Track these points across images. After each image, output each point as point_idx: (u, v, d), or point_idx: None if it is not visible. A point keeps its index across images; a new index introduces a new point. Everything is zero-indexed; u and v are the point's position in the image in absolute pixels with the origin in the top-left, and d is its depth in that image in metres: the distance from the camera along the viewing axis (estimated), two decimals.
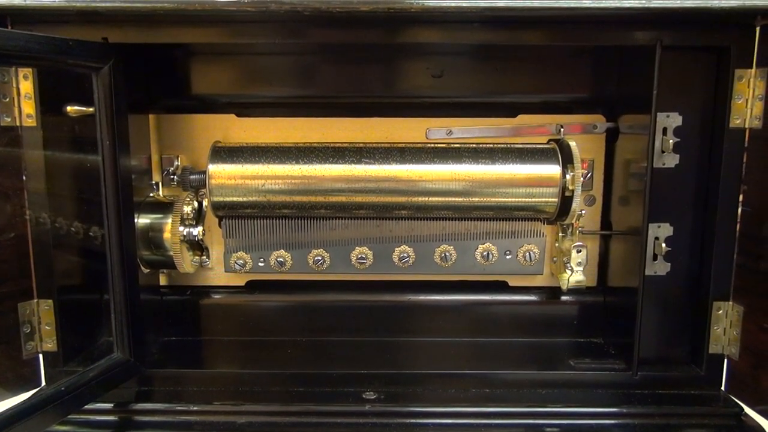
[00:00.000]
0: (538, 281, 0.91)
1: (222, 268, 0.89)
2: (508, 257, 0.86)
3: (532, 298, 0.92)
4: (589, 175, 0.87)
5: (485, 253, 0.85)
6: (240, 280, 0.92)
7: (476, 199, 0.81)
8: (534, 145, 0.83)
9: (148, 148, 0.85)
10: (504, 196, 0.81)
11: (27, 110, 0.73)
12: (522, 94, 0.86)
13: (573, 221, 0.83)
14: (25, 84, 0.72)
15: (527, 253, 0.86)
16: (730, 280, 0.76)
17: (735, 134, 0.73)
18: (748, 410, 0.75)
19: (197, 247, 0.86)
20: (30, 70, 0.71)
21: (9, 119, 0.72)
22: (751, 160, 0.72)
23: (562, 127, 0.85)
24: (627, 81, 0.81)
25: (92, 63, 0.67)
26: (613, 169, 0.86)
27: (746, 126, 0.72)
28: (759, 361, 0.72)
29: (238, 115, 0.87)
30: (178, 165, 0.87)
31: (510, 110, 0.87)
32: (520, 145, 0.83)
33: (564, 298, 0.91)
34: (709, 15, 0.67)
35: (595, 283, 0.90)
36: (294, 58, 0.83)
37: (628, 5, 0.66)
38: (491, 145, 0.83)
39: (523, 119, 0.87)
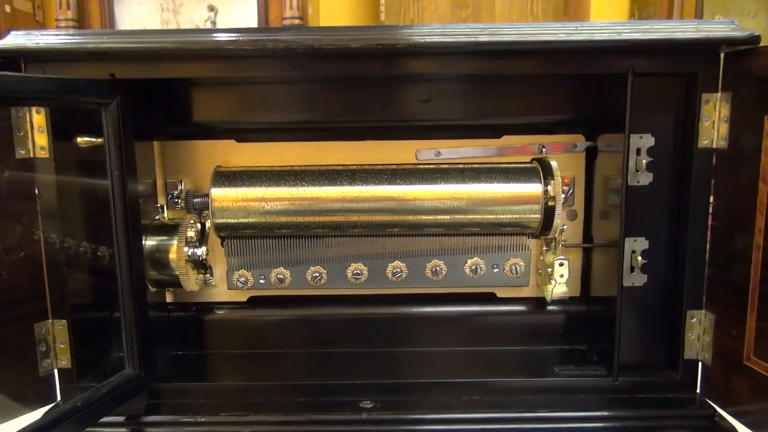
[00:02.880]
0: (525, 292, 0.95)
1: (225, 286, 0.92)
2: (495, 270, 0.90)
3: (519, 308, 0.95)
4: (570, 191, 0.91)
5: (474, 267, 0.90)
6: (242, 297, 0.96)
7: (464, 216, 0.85)
8: (518, 165, 0.87)
9: (153, 173, 0.89)
10: (490, 213, 0.85)
11: (40, 142, 0.77)
12: (506, 117, 0.90)
13: (556, 235, 0.87)
14: (38, 118, 0.76)
15: (513, 266, 0.90)
16: (703, 290, 0.79)
17: (703, 154, 0.77)
18: (722, 412, 0.79)
19: (201, 266, 0.89)
20: None
21: (24, 151, 0.76)
22: (718, 178, 0.76)
23: (544, 146, 0.89)
24: (604, 104, 0.85)
25: (101, 99, 0.71)
26: (593, 185, 0.90)
27: (713, 146, 0.76)
28: (729, 365, 0.76)
29: (238, 140, 0.91)
30: (181, 189, 0.91)
31: (495, 131, 0.91)
32: (505, 165, 0.87)
33: (549, 308, 0.94)
34: (676, 45, 0.72)
35: (579, 293, 0.94)
36: (290, 87, 0.87)
37: (600, 38, 0.71)
38: (477, 165, 0.87)
39: (508, 140, 0.91)
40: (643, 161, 0.78)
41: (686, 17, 2.86)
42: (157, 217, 0.89)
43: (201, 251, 0.87)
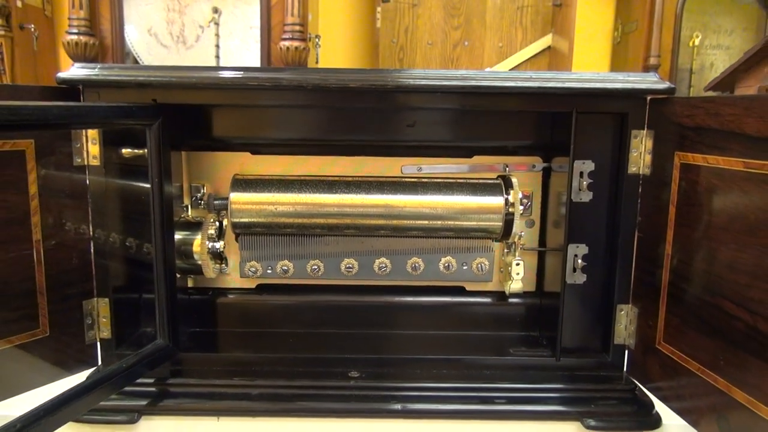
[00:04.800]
0: (489, 287, 1.10)
1: (238, 274, 1.05)
2: (464, 268, 1.05)
3: (484, 300, 1.10)
4: (529, 204, 1.08)
5: (446, 264, 1.05)
6: (252, 284, 1.09)
7: (439, 222, 1.01)
8: (485, 180, 1.03)
9: (181, 179, 1.04)
10: (461, 220, 1.01)
11: (93, 152, 0.91)
12: (477, 140, 1.05)
13: (515, 240, 1.05)
14: (92, 132, 0.90)
15: (480, 265, 1.05)
16: (630, 288, 0.95)
17: (632, 179, 0.92)
18: (642, 387, 0.95)
19: (218, 257, 1.03)
20: None
21: (79, 160, 0.91)
22: (643, 199, 0.92)
23: (507, 166, 1.06)
24: (557, 133, 1.01)
25: (147, 121, 0.86)
26: (548, 199, 1.06)
27: (640, 173, 0.92)
28: (646, 349, 0.93)
29: (252, 153, 1.05)
30: (204, 192, 1.05)
31: (467, 152, 1.06)
32: (474, 180, 1.03)
33: (510, 300, 1.10)
34: (608, 92, 0.89)
35: (534, 288, 1.10)
36: (298, 111, 1.01)
37: (549, 85, 0.88)
38: (452, 180, 1.02)
39: (478, 159, 1.06)
40: (585, 182, 0.94)
41: (665, 34, 3.05)
42: (183, 216, 1.05)
43: (219, 245, 1.02)
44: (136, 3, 2.73)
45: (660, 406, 0.93)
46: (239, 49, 2.74)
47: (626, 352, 0.99)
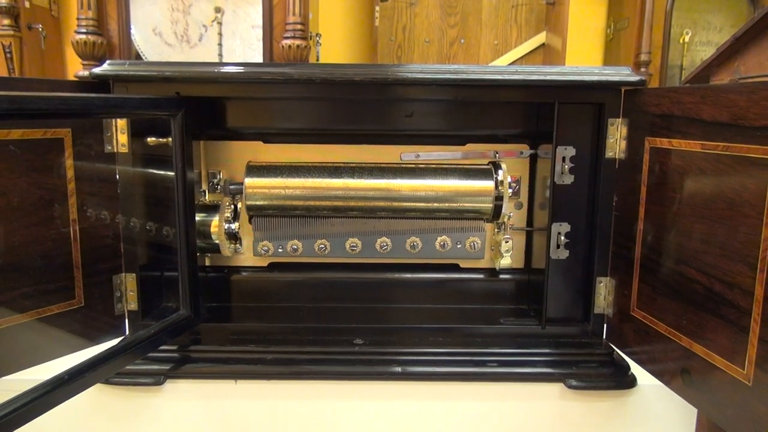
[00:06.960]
0: (481, 264, 1.19)
1: (251, 253, 1.13)
2: (458, 246, 1.15)
3: (477, 276, 1.20)
4: (517, 187, 1.18)
5: (442, 243, 1.14)
6: (264, 262, 1.18)
7: (435, 204, 1.10)
8: (477, 166, 1.13)
9: (199, 165, 1.14)
10: (455, 202, 1.10)
11: (122, 141, 1.01)
12: (470, 129, 1.15)
13: (504, 220, 1.15)
14: (121, 122, 1.00)
15: (472, 243, 1.15)
16: (608, 263, 1.04)
17: (609, 163, 1.02)
18: (618, 352, 1.05)
19: (234, 237, 1.12)
20: None
21: (110, 147, 1.00)
22: (619, 181, 1.02)
23: (498, 152, 1.16)
24: (543, 122, 1.11)
25: (172, 112, 0.97)
26: (535, 183, 1.16)
27: (616, 157, 1.01)
28: (622, 317, 1.03)
29: (264, 141, 1.15)
30: (220, 178, 1.15)
31: (461, 140, 1.16)
32: (467, 166, 1.12)
33: (500, 276, 1.20)
34: (585, 84, 0.99)
35: (523, 265, 1.20)
36: (306, 103, 1.10)
37: (532, 78, 0.98)
38: (446, 165, 1.12)
39: (471, 147, 1.16)
40: (566, 166, 1.04)
41: (656, 31, 3.15)
42: (201, 200, 1.14)
43: (235, 226, 1.11)
44: (141, 3, 2.81)
45: (636, 369, 1.03)
46: (242, 48, 2.83)
47: (605, 320, 1.09)
